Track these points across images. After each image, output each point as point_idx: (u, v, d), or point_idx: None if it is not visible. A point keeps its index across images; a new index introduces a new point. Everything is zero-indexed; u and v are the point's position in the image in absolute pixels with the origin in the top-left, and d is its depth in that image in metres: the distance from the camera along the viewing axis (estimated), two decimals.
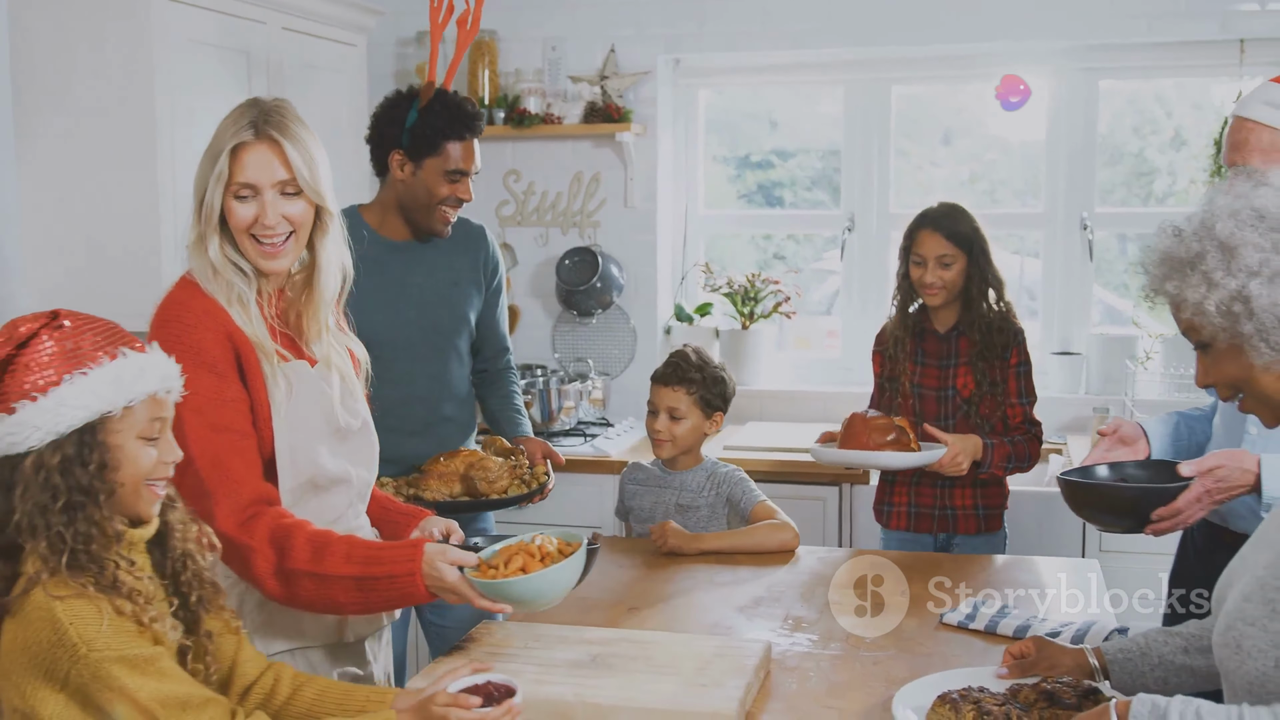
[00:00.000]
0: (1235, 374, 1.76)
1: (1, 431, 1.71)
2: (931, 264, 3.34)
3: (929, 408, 3.42)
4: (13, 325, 1.75)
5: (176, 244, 3.51)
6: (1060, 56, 4.68)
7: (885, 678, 2.23)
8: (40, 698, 1.67)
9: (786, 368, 5.09)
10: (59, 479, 1.71)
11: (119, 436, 1.76)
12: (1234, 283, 1.68)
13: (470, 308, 3.34)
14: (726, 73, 5.06)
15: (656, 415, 3.27)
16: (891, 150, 4.95)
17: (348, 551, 2.14)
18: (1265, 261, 1.66)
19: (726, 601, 2.70)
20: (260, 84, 3.84)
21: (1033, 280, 4.99)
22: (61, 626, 1.66)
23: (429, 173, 3.14)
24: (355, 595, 2.13)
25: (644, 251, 4.96)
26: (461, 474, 3.02)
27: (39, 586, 1.68)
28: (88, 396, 1.72)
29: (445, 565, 2.12)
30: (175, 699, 1.69)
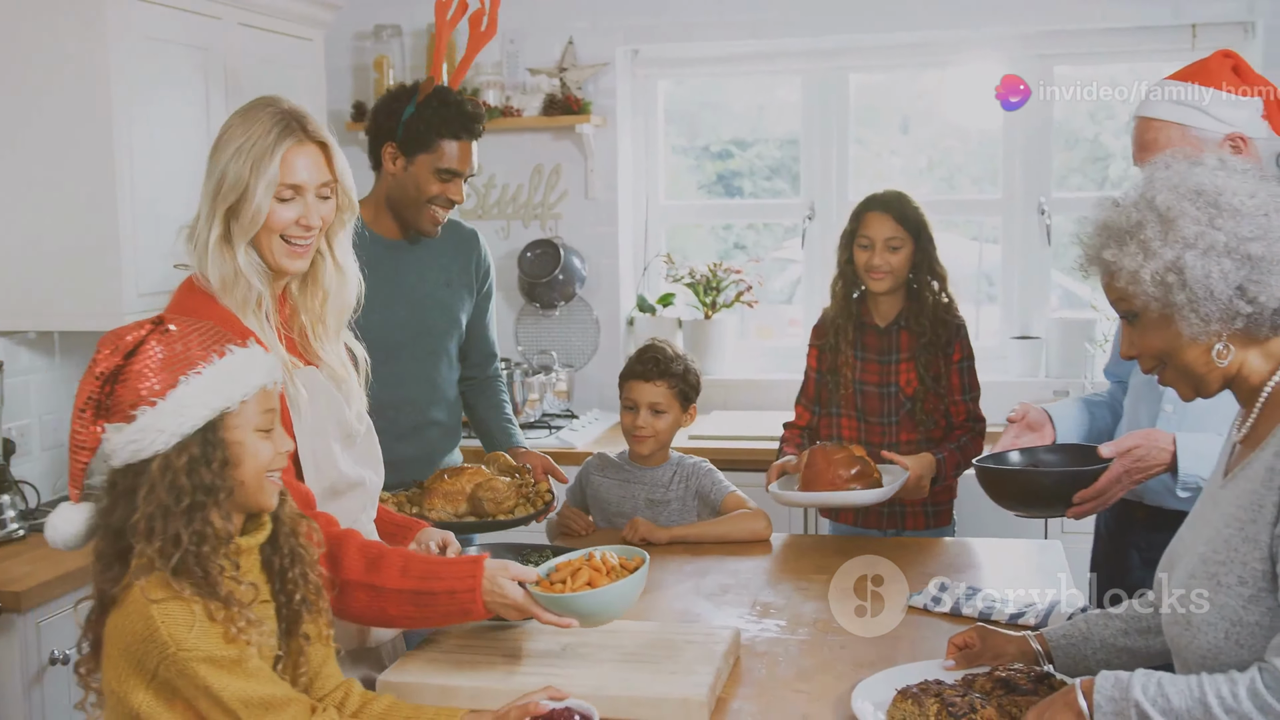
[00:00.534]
0: (1161, 345, 1.79)
1: (124, 439, 1.72)
2: (879, 247, 3.26)
3: (870, 404, 3.35)
4: (117, 335, 1.76)
5: (135, 243, 3.49)
6: (1015, 43, 4.72)
7: (853, 661, 2.25)
8: (132, 685, 1.72)
9: (750, 357, 5.11)
10: (185, 480, 1.73)
11: (238, 432, 1.78)
12: (1170, 253, 1.71)
13: (462, 310, 3.29)
14: (685, 63, 5.08)
15: (636, 412, 3.23)
16: (850, 138, 4.97)
17: (404, 565, 2.12)
18: (1201, 235, 1.70)
19: (695, 590, 2.71)
20: (217, 80, 3.82)
21: (991, 266, 5.03)
22: (154, 624, 1.69)
23: (420, 168, 3.08)
24: (410, 609, 2.11)
25: (606, 243, 4.97)
26: (468, 494, 2.93)
27: (138, 585, 1.71)
28: (207, 395, 1.74)
29: (508, 581, 2.11)
30: (259, 699, 1.72)
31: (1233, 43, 4.53)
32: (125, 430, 1.72)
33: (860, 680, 2.11)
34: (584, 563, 2.16)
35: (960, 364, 3.34)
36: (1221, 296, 1.70)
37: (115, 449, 1.74)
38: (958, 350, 3.33)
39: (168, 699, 1.72)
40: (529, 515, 2.93)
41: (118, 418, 1.73)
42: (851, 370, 3.35)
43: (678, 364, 3.26)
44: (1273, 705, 1.56)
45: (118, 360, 1.74)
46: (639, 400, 3.23)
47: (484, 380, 3.43)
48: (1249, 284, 1.69)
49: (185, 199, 3.66)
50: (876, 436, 3.34)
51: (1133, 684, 1.68)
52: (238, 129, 2.17)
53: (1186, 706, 1.62)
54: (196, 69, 3.75)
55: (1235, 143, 2.42)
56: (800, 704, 2.09)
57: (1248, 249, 1.68)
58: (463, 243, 3.31)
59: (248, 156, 2.13)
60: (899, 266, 3.28)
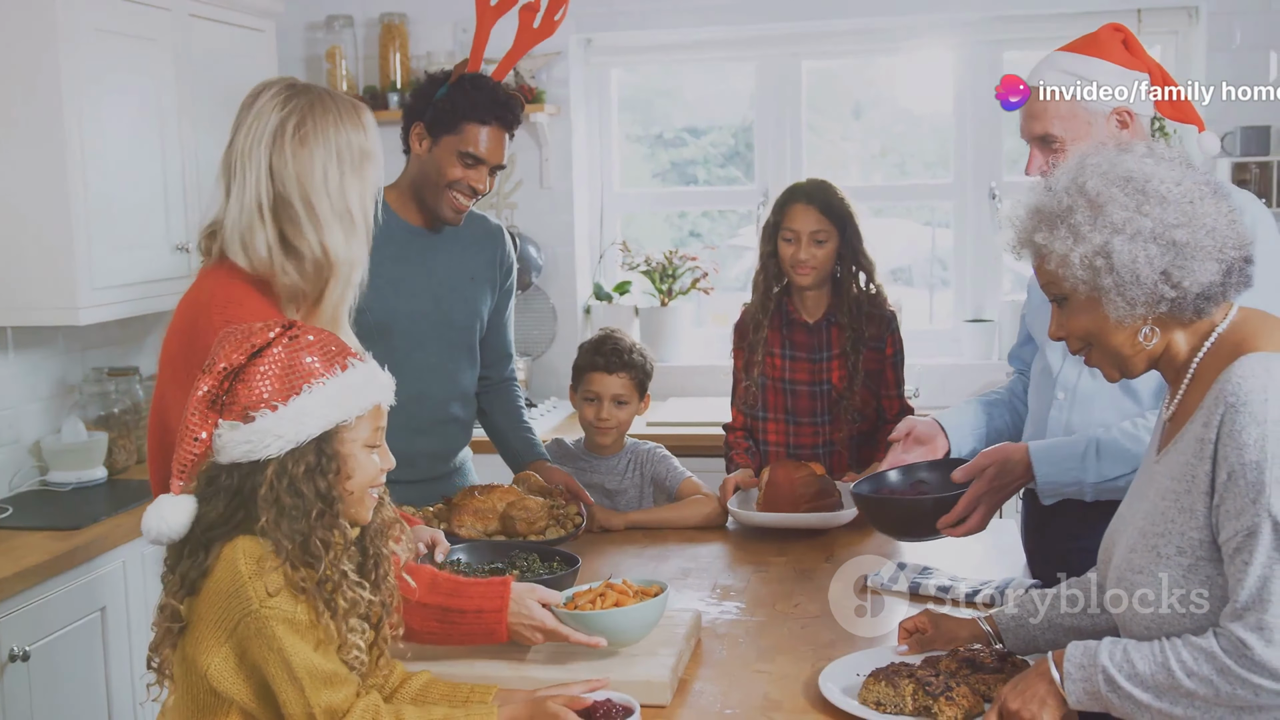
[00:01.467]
0: (1088, 327, 1.83)
1: (239, 438, 1.74)
2: (805, 240, 3.18)
3: (801, 403, 3.27)
4: (246, 333, 1.77)
5: (89, 237, 3.47)
6: (965, 29, 4.77)
7: (812, 641, 2.29)
8: (208, 645, 1.73)
9: (705, 343, 5.14)
10: (305, 487, 1.75)
11: (350, 446, 1.80)
12: (1098, 238, 1.75)
13: (484, 306, 3.18)
14: (638, 51, 5.09)
15: (599, 404, 3.23)
16: (804, 125, 5.01)
17: (432, 580, 2.14)
18: (1129, 220, 1.74)
19: (655, 574, 2.73)
20: (168, 72, 3.80)
21: (944, 250, 5.08)
22: (241, 579, 1.71)
23: (443, 150, 2.95)
24: (434, 625, 2.12)
25: (561, 231, 4.98)
26: (501, 512, 2.86)
27: (230, 545, 1.74)
28: (327, 407, 1.76)
29: (535, 604, 2.14)
30: (323, 673, 1.73)
31: (1177, 27, 4.61)
32: (241, 429, 1.74)
33: (822, 662, 2.14)
34: (607, 587, 2.19)
35: (894, 359, 3.29)
36: (1147, 281, 1.74)
37: (225, 445, 1.75)
38: (890, 344, 3.27)
39: (236, 664, 1.73)
40: (561, 538, 2.84)
41: (233, 415, 1.75)
42: (778, 372, 3.28)
43: (636, 354, 3.27)
44: (1232, 668, 1.61)
45: (242, 359, 1.75)
46: (602, 393, 3.23)
47: (500, 383, 3.29)
48: (1173, 269, 1.73)
49: (138, 193, 3.68)
50: (808, 438, 3.28)
51: (1100, 651, 1.74)
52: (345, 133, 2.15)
53: (1150, 671, 1.69)
54: (147, 61, 3.73)
55: (1122, 117, 2.41)
56: (761, 684, 2.12)
57: (1173, 235, 1.73)
58: (488, 237, 3.21)
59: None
60: (824, 260, 3.20)
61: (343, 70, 4.86)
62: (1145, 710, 1.70)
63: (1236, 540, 1.64)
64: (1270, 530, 1.61)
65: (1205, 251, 1.73)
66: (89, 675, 3.21)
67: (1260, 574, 1.61)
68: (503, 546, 2.66)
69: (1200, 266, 1.73)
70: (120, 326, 4.10)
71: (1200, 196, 1.75)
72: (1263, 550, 1.61)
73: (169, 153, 3.82)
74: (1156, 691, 1.68)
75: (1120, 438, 2.38)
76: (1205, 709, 1.66)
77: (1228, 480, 1.65)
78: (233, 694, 1.74)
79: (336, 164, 2.13)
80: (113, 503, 3.52)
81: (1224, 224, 1.75)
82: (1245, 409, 1.65)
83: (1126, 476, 2.32)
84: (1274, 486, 1.61)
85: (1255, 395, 1.65)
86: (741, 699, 2.06)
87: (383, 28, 4.89)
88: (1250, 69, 4.41)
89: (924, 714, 1.92)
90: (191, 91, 3.91)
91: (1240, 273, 1.77)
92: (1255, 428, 1.63)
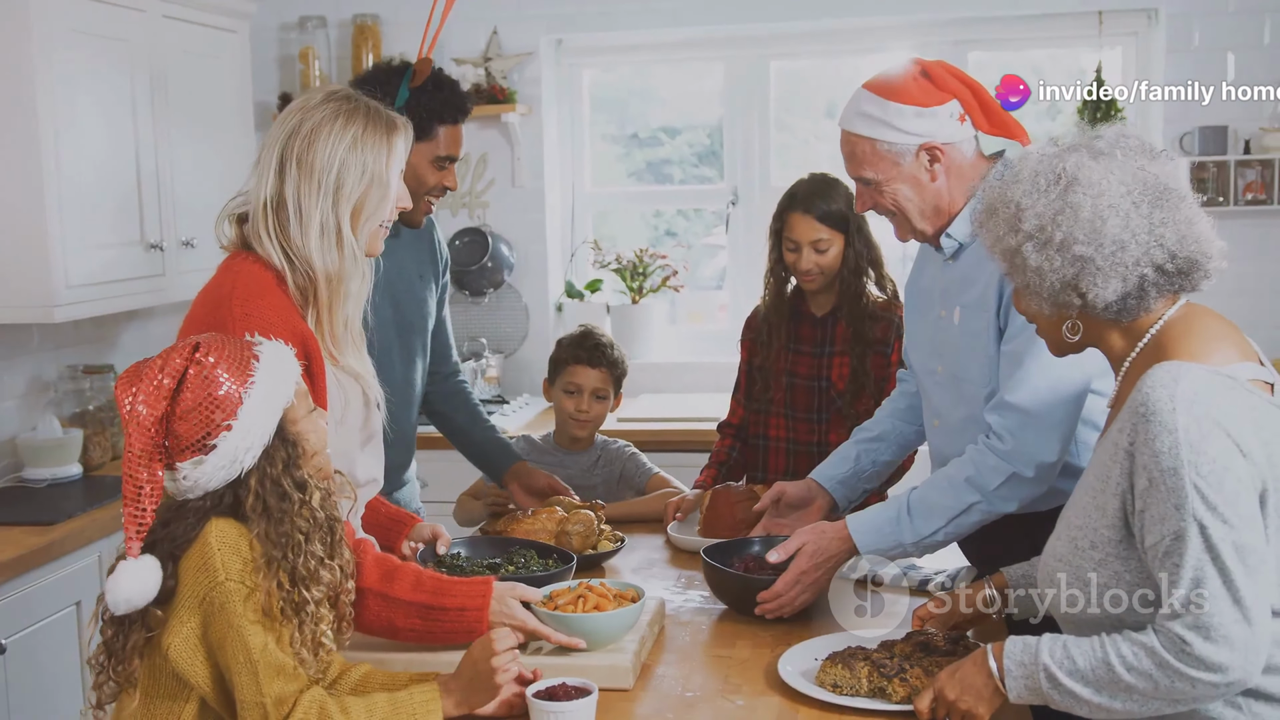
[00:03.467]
0: (1024, 310, 1.94)
1: (211, 469, 1.75)
2: (806, 250, 3.14)
3: (800, 399, 3.24)
4: (150, 377, 1.74)
5: (64, 236, 3.50)
6: (930, 30, 4.84)
7: (773, 629, 2.34)
8: (176, 624, 1.75)
9: (677, 341, 5.20)
10: (285, 482, 1.80)
11: (300, 424, 1.85)
12: (1013, 240, 1.84)
13: (433, 301, 3.11)
14: (609, 51, 5.15)
15: (580, 396, 3.26)
16: (772, 124, 5.07)
17: (417, 578, 2.16)
18: (1041, 229, 1.81)
19: (623, 563, 2.79)
20: (142, 73, 3.83)
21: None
22: (210, 551, 1.74)
23: (418, 158, 2.79)
24: (417, 622, 2.14)
25: (533, 230, 5.03)
26: (555, 531, 2.78)
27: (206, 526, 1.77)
28: (268, 400, 1.78)
29: (515, 602, 2.18)
30: (276, 662, 1.75)
31: (1137, 29, 4.69)
32: (208, 461, 1.75)
33: (782, 647, 2.20)
34: (585, 589, 2.23)
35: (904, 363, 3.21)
36: (1053, 288, 1.82)
37: (198, 482, 1.76)
38: (897, 349, 3.16)
39: (197, 641, 1.75)
40: (613, 550, 2.81)
41: (189, 454, 1.75)
42: (783, 365, 3.26)
43: (615, 350, 3.32)
44: (1171, 663, 1.67)
45: (166, 401, 1.74)
46: (583, 385, 3.27)
47: (450, 379, 3.23)
48: (1079, 281, 1.80)
49: (112, 192, 3.71)
50: (804, 435, 3.26)
51: (1040, 648, 1.79)
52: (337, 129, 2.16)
53: (1091, 666, 1.74)
54: (121, 61, 3.77)
55: (932, 153, 2.37)
56: (722, 668, 2.18)
57: (1075, 250, 1.78)
58: (424, 229, 3.09)
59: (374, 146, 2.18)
60: (829, 265, 3.16)
61: (315, 71, 4.91)
62: (1084, 705, 1.75)
63: (1165, 544, 1.69)
64: (1198, 533, 1.66)
65: (1111, 269, 1.78)
66: (65, 668, 3.25)
67: (1192, 576, 1.66)
68: (500, 542, 2.67)
69: (1105, 283, 1.79)
70: (95, 324, 4.14)
71: (1119, 210, 1.78)
72: (1192, 553, 1.66)
73: (143, 152, 3.86)
74: (1096, 686, 1.73)
75: (928, 491, 2.40)
76: (1143, 702, 1.72)
77: (1148, 487, 1.70)
78: (190, 675, 1.76)
79: (335, 176, 2.14)
80: (88, 498, 3.56)
81: (1144, 237, 1.77)
82: (1155, 418, 1.69)
83: (945, 529, 2.37)
84: (1193, 492, 1.66)
85: (1163, 405, 1.69)
86: (702, 682, 2.12)
87: (355, 28, 4.93)
88: (1209, 70, 4.49)
89: (878, 694, 1.99)
90: (165, 92, 3.94)
91: (1172, 279, 1.80)
92: (1167, 436, 1.68)
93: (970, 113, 2.38)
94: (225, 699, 1.79)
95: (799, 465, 3.23)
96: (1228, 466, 1.67)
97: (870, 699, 1.98)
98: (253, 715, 1.74)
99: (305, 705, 1.77)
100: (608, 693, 2.03)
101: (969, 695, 1.85)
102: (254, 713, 1.74)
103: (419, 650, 2.18)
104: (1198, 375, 1.72)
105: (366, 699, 1.86)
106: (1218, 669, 1.66)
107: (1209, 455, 1.67)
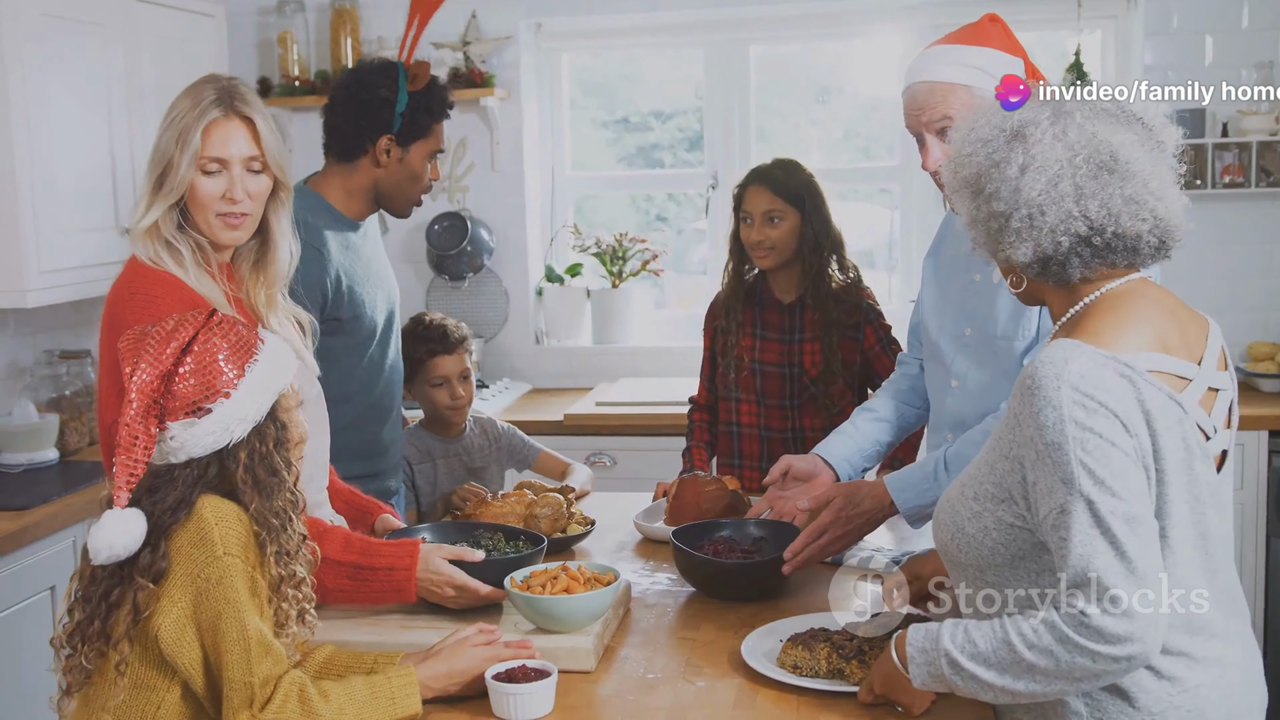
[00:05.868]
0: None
1: (201, 433, 1.77)
2: (758, 221, 3.16)
3: (770, 386, 3.25)
4: (166, 334, 1.78)
5: (36, 221, 3.50)
6: (911, 13, 4.83)
7: (739, 612, 2.35)
8: (167, 603, 1.75)
9: (656, 325, 5.20)
10: (276, 460, 1.83)
11: (290, 413, 1.89)
12: (954, 184, 1.85)
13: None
14: (588, 35, 5.14)
15: (448, 385, 3.21)
16: (752, 108, 5.07)
17: (345, 540, 2.22)
18: (976, 178, 1.81)
19: (594, 546, 2.80)
20: (116, 57, 3.82)
21: (896, 231, 5.16)
22: (207, 526, 1.75)
23: (416, 157, 2.92)
24: (346, 582, 2.20)
25: (513, 214, 5.03)
26: (523, 515, 2.78)
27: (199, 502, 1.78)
28: (269, 379, 1.82)
29: (442, 560, 2.23)
30: (266, 643, 1.77)
31: (1116, 12, 4.70)
32: (200, 424, 1.76)
33: (747, 629, 2.21)
34: (561, 571, 2.23)
35: (878, 346, 3.25)
36: (984, 237, 1.83)
37: (185, 444, 1.77)
38: (870, 334, 3.23)
39: (187, 621, 1.74)
40: (580, 534, 2.80)
41: (182, 415, 1.76)
42: (748, 352, 3.26)
43: (460, 328, 3.29)
44: (1070, 636, 1.65)
45: (171, 360, 1.76)
46: (449, 374, 3.23)
47: None
48: (1000, 236, 1.80)
49: (86, 177, 3.71)
50: (777, 421, 3.27)
51: (941, 634, 1.77)
52: (176, 104, 2.25)
53: (992, 648, 1.72)
54: (95, 46, 3.76)
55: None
56: (684, 650, 2.19)
57: (994, 206, 1.79)
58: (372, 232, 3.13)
59: (175, 129, 2.21)
60: (781, 240, 3.17)
61: (294, 55, 4.89)
62: (988, 689, 1.73)
63: (1053, 517, 1.69)
64: (1085, 508, 1.65)
65: (1025, 231, 1.77)
66: (39, 653, 3.23)
67: (1081, 551, 1.65)
68: (466, 526, 2.66)
69: (1018, 243, 1.78)
70: (73, 309, 4.13)
71: (1047, 173, 1.76)
72: (1079, 527, 1.66)
73: (117, 138, 3.85)
74: (999, 668, 1.71)
75: (964, 446, 2.44)
76: (1046, 682, 1.69)
77: (1036, 459, 1.70)
78: (178, 658, 1.75)
79: (159, 146, 2.24)
80: (64, 483, 3.56)
81: (1068, 205, 1.75)
82: (1040, 392, 1.69)
83: None
84: (1078, 467, 1.66)
85: (1049, 380, 1.68)
86: (665, 664, 2.13)
87: (334, 12, 4.92)
88: (1187, 53, 4.50)
89: (837, 676, 2.00)
90: (140, 76, 3.93)
91: (1100, 252, 1.77)
92: (1051, 411, 1.68)
93: (1029, 74, 2.44)
94: (210, 684, 1.78)
95: (773, 452, 3.25)
96: (1114, 442, 1.66)
97: (829, 680, 2.00)
98: (239, 695, 1.74)
99: (286, 687, 1.77)
100: (569, 675, 2.05)
101: (890, 685, 1.87)
102: (241, 693, 1.74)
103: (377, 634, 2.20)
104: (1090, 358, 1.70)
105: (344, 683, 1.86)
106: (1117, 640, 1.63)
107: (1094, 431, 1.66)
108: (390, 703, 1.86)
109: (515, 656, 2.00)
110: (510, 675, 1.94)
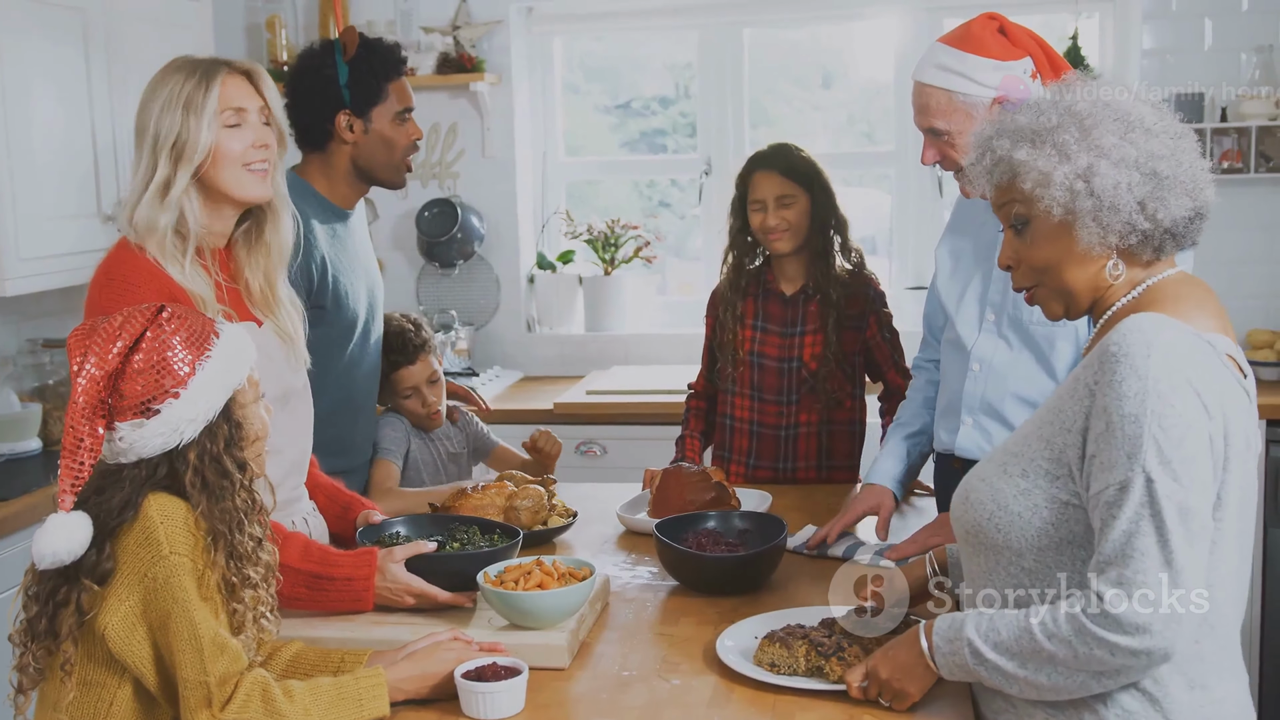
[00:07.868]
0: (1049, 257, 1.79)
1: (150, 434, 1.73)
2: (772, 205, 3.10)
3: (768, 381, 3.19)
4: (110, 333, 1.74)
5: (15, 208, 3.46)
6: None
7: (718, 608, 2.31)
8: (114, 602, 1.72)
9: (650, 312, 5.15)
10: (227, 461, 1.78)
11: (246, 409, 1.84)
12: (1084, 159, 1.73)
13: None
14: (579, 19, 5.08)
15: (419, 394, 3.18)
16: (746, 93, 5.01)
17: (305, 548, 2.20)
18: (1116, 145, 1.73)
19: (575, 539, 2.76)
20: (98, 41, 3.78)
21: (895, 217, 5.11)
22: (153, 524, 1.71)
23: (380, 122, 2.88)
24: (303, 590, 2.18)
25: (504, 201, 4.98)
26: (503, 507, 2.73)
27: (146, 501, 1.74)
28: (222, 376, 1.78)
29: (398, 568, 2.20)
30: (220, 641, 1.73)
31: None
32: (149, 424, 1.72)
33: (725, 625, 2.17)
34: (535, 566, 2.20)
35: (880, 335, 3.21)
36: (1125, 209, 1.72)
37: (133, 445, 1.73)
38: (872, 324, 3.19)
39: (137, 619, 1.71)
40: (561, 527, 2.76)
41: (130, 415, 1.73)
42: (747, 345, 3.21)
43: (420, 331, 3.24)
44: (1087, 626, 1.62)
45: (119, 359, 1.73)
46: (417, 383, 3.18)
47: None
48: (1150, 200, 1.72)
49: (67, 164, 3.66)
50: (771, 418, 3.21)
51: (966, 622, 1.75)
52: (161, 84, 2.23)
53: (1014, 636, 1.69)
54: (76, 30, 3.71)
55: (1004, 106, 2.38)
56: (661, 646, 2.15)
57: (1155, 165, 1.72)
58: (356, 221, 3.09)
59: (178, 101, 2.19)
60: (797, 222, 3.12)
61: (283, 40, 4.84)
62: (1012, 680, 1.71)
63: (1109, 494, 1.63)
64: (1143, 485, 1.60)
65: (1182, 187, 1.73)
66: None
67: (1125, 529, 1.61)
68: (442, 519, 2.60)
69: (1176, 201, 1.73)
70: (58, 297, 4.09)
71: (1179, 135, 1.76)
72: (1131, 505, 1.61)
73: (99, 123, 3.80)
74: (1021, 659, 1.68)
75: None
76: (1068, 675, 1.66)
77: (1105, 431, 1.65)
78: (128, 657, 1.71)
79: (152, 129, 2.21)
80: (46, 473, 3.52)
81: (1200, 166, 1.76)
82: (1127, 360, 1.64)
83: None
84: (1150, 443, 1.61)
85: (1138, 349, 1.64)
86: (640, 661, 2.09)
87: None
88: (1186, 37, 4.44)
89: (815, 673, 1.96)
90: (123, 62, 3.88)
91: (1200, 219, 1.77)
92: (1136, 380, 1.63)
93: (1041, 71, 2.44)
94: (163, 681, 1.75)
95: (763, 449, 3.22)
96: (1191, 424, 1.62)
97: (808, 678, 1.96)
98: (195, 695, 1.70)
99: (248, 687, 1.73)
100: (541, 672, 2.01)
101: (900, 673, 1.83)
102: (197, 692, 1.70)
103: (348, 630, 2.16)
104: (1180, 331, 1.68)
105: (310, 683, 1.82)
106: (1135, 631, 1.59)
107: (1176, 409, 1.62)
108: (358, 704, 1.83)
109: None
110: (480, 673, 1.91)
